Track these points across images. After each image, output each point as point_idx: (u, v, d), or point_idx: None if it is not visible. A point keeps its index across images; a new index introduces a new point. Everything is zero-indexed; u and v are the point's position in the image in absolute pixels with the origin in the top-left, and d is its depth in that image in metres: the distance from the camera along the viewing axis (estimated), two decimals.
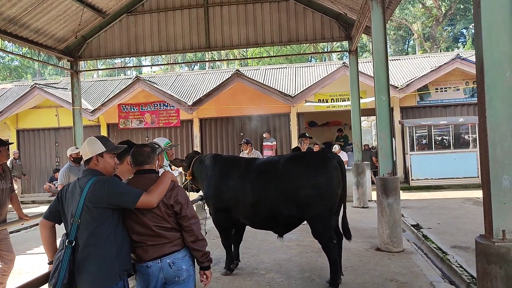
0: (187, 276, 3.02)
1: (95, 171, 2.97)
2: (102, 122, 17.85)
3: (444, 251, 6.72)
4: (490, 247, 2.64)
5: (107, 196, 2.75)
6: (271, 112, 16.67)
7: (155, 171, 3.15)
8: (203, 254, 3.00)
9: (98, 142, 3.01)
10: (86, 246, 2.76)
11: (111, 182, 2.86)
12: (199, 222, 3.04)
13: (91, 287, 2.75)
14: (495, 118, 2.66)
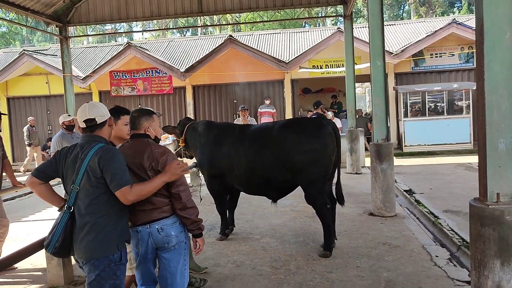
0: (176, 243, 3.01)
1: (100, 137, 2.88)
2: (94, 90, 17.63)
3: (436, 215, 6.83)
4: (484, 210, 2.67)
5: (103, 167, 2.71)
6: (265, 79, 16.52)
7: (147, 135, 3.12)
8: (192, 222, 2.98)
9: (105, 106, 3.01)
10: (85, 215, 2.74)
11: (114, 156, 2.75)
12: (188, 190, 3.01)
13: (87, 255, 2.74)
14: (493, 81, 2.63)
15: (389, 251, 5.29)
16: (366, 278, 4.51)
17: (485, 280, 2.68)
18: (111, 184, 2.69)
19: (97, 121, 2.86)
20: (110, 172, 2.69)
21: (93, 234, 2.72)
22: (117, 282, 2.77)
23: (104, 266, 2.73)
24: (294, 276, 4.63)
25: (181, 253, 3.07)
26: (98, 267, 2.72)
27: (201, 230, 3.05)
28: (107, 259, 2.73)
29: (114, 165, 2.71)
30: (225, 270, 4.92)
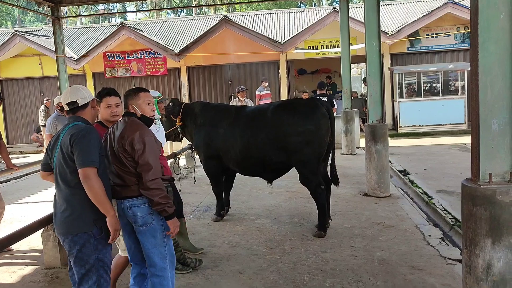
0: (143, 224, 3.01)
1: (80, 118, 2.93)
2: (87, 71, 17.47)
3: (430, 196, 6.89)
4: (477, 190, 2.69)
5: (73, 143, 2.74)
6: (260, 60, 16.41)
7: (132, 113, 3.14)
8: (156, 203, 2.92)
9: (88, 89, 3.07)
10: (61, 191, 2.82)
11: (86, 135, 2.76)
12: (156, 170, 2.94)
13: (65, 231, 2.80)
14: (487, 61, 2.62)
15: (383, 231, 5.35)
16: (359, 257, 4.57)
17: (476, 258, 2.72)
18: (76, 161, 2.72)
19: (79, 104, 2.92)
20: (77, 149, 2.72)
21: (69, 210, 2.78)
22: (100, 256, 2.80)
23: (84, 241, 2.77)
24: (288, 256, 4.69)
25: (154, 236, 3.03)
26: (77, 242, 2.76)
27: (168, 212, 2.97)
28: (86, 235, 2.77)
29: (83, 144, 2.73)
30: (220, 250, 4.96)
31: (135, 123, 3.07)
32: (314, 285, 3.98)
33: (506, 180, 2.69)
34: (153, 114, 3.22)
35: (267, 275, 4.24)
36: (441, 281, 3.95)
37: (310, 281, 4.07)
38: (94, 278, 2.79)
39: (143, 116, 3.15)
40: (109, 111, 3.47)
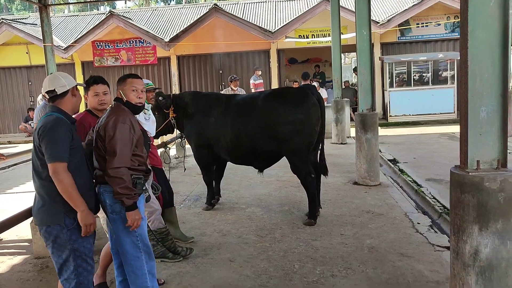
0: (111, 212, 2.98)
1: (56, 108, 2.85)
2: (76, 60, 17.27)
3: (419, 184, 6.95)
4: (465, 177, 2.71)
5: (40, 137, 2.70)
6: (250, 49, 16.33)
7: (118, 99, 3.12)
8: (115, 192, 2.87)
9: (70, 76, 2.97)
10: (35, 182, 2.80)
11: (52, 128, 2.69)
12: (119, 160, 2.86)
13: (38, 222, 2.82)
14: (476, 48, 2.63)
15: (373, 219, 5.40)
16: (349, 245, 4.60)
17: (463, 245, 2.76)
18: (44, 155, 2.70)
19: (57, 92, 2.85)
20: (44, 143, 2.69)
21: (41, 202, 2.78)
22: (75, 246, 2.77)
23: (57, 232, 2.76)
24: (279, 244, 4.71)
25: (123, 224, 2.96)
26: (51, 233, 2.75)
27: (126, 204, 2.89)
28: (58, 226, 2.75)
29: (50, 137, 2.68)
30: (211, 239, 4.97)
31: (117, 109, 3.04)
32: (304, 272, 4.01)
33: (494, 167, 2.72)
34: (139, 102, 3.11)
35: (258, 263, 4.27)
36: (429, 268, 4.00)
37: (300, 268, 4.09)
38: (72, 268, 2.78)
39: (127, 103, 3.08)
40: (97, 99, 3.43)
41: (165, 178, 4.81)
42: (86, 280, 2.83)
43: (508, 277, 2.72)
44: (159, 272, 4.11)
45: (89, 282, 2.86)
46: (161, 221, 4.32)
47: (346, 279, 3.86)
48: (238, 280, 3.93)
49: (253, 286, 3.81)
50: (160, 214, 4.31)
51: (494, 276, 2.70)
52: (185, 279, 4.00)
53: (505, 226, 2.67)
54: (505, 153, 2.73)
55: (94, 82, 3.43)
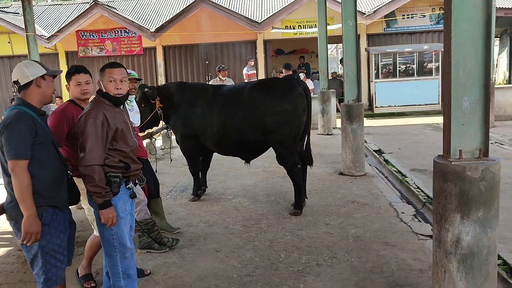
0: (92, 205, 2.97)
1: (21, 100, 2.75)
2: (60, 50, 16.99)
3: (404, 174, 7.03)
4: (447, 166, 2.75)
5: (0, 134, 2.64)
6: (237, 39, 16.24)
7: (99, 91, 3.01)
8: (87, 190, 2.85)
9: (37, 64, 2.82)
10: (3, 178, 2.74)
11: (9, 125, 2.60)
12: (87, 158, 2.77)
13: (8, 217, 2.79)
14: (459, 39, 2.66)
15: (358, 208, 5.45)
16: (335, 234, 4.65)
17: (445, 233, 2.80)
18: (4, 152, 2.65)
19: (21, 83, 2.74)
20: (3, 139, 2.63)
21: (9, 198, 2.73)
22: (43, 243, 2.71)
23: None
24: (265, 234, 4.73)
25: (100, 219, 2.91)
26: (19, 229, 2.69)
27: (97, 203, 2.83)
28: None
29: (8, 134, 2.60)
30: (197, 229, 4.98)
31: (94, 103, 2.94)
32: (290, 262, 4.04)
33: (476, 157, 2.76)
34: (118, 93, 2.94)
35: (244, 252, 4.28)
36: (413, 256, 4.06)
37: (286, 258, 4.13)
38: (40, 264, 2.74)
39: (106, 94, 2.95)
40: (79, 89, 3.38)
41: (151, 169, 4.79)
42: (54, 276, 2.78)
43: (489, 264, 2.78)
44: (145, 263, 4.11)
45: (58, 278, 2.80)
46: (147, 212, 4.30)
47: (331, 268, 3.90)
48: (224, 270, 3.95)
49: (239, 275, 3.83)
50: (146, 205, 4.30)
51: (475, 264, 2.75)
52: (171, 269, 4.00)
53: (486, 215, 2.72)
54: (487, 143, 2.77)
55: (75, 72, 3.37)
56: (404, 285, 3.55)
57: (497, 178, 2.74)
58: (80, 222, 3.21)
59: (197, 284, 3.71)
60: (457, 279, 2.78)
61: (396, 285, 3.55)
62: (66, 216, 2.89)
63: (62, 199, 2.83)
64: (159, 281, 3.79)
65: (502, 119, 11.92)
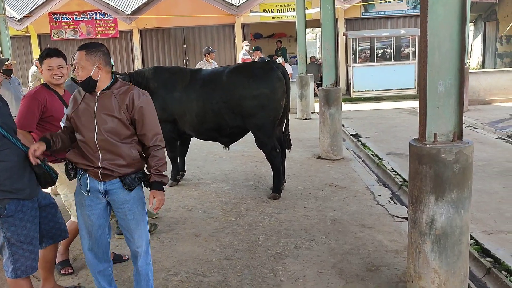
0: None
1: None
2: (32, 32, 16.49)
3: (380, 158, 7.14)
4: (423, 149, 2.80)
5: None
6: (215, 23, 16.05)
7: None
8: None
9: None
10: None
11: None
12: None
13: None
14: (435, 23, 2.68)
15: (335, 192, 5.52)
16: (313, 217, 4.70)
17: (420, 214, 2.86)
18: None
19: None
20: None
21: None
22: (8, 235, 2.67)
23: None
24: (244, 218, 4.76)
25: None
26: None
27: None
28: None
29: None
30: (176, 214, 4.97)
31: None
32: (268, 245, 4.08)
33: (450, 140, 2.81)
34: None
35: (223, 236, 4.30)
36: (389, 238, 4.15)
37: (264, 241, 4.16)
38: (8, 254, 2.71)
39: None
40: (51, 73, 3.30)
41: None
42: (23, 266, 2.73)
43: (462, 244, 2.86)
44: (124, 248, 4.08)
45: (28, 267, 2.76)
46: None
47: (309, 250, 3.95)
48: (203, 254, 3.96)
49: (218, 259, 3.85)
50: None
51: (449, 244, 2.82)
52: None
53: (459, 196, 2.78)
54: (461, 126, 2.82)
55: (47, 55, 3.28)
56: (380, 266, 3.63)
57: (470, 161, 2.80)
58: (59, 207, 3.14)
59: (176, 268, 3.72)
60: (431, 259, 2.86)
61: (373, 266, 3.63)
62: (34, 203, 2.81)
63: (26, 188, 2.73)
64: None
65: (475, 104, 12.17)
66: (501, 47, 17.82)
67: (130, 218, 2.84)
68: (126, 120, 2.72)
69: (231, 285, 3.42)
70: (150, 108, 2.82)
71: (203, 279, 3.53)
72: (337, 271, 3.57)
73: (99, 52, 2.75)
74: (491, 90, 12.80)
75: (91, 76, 2.69)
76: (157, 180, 2.79)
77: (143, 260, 2.93)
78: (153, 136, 2.80)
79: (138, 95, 2.76)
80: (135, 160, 2.79)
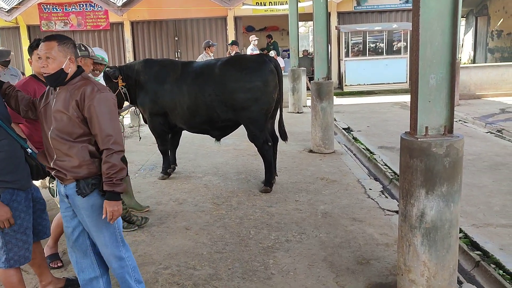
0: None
1: None
2: (21, 24, 16.27)
3: (372, 151, 7.16)
4: (414, 143, 2.80)
5: None
6: (207, 16, 15.95)
7: None
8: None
9: None
10: None
11: None
12: None
13: None
14: (427, 16, 2.67)
15: (327, 185, 5.53)
16: (304, 211, 4.71)
17: (411, 208, 2.87)
18: None
19: None
20: None
21: None
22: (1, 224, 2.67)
23: None
24: (235, 211, 4.75)
25: None
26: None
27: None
28: None
29: None
30: (167, 208, 4.95)
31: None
32: (259, 238, 4.08)
33: (441, 133, 2.82)
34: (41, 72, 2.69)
35: (214, 230, 4.29)
36: (379, 231, 4.17)
37: (255, 234, 4.16)
38: (1, 244, 2.70)
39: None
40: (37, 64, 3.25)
41: None
42: (16, 256, 2.73)
43: (451, 237, 2.87)
44: None
45: (21, 257, 2.75)
46: None
47: (300, 243, 3.96)
48: (194, 247, 3.95)
49: (209, 252, 3.84)
50: None
51: (438, 237, 2.83)
52: (140, 247, 3.97)
53: (450, 190, 2.79)
54: (452, 120, 2.83)
55: (37, 46, 3.23)
56: (371, 259, 3.64)
57: (460, 155, 2.81)
58: (46, 201, 3.11)
59: (166, 261, 3.71)
60: (420, 252, 2.87)
61: (363, 259, 3.65)
62: (28, 194, 2.81)
63: (21, 179, 2.74)
64: None
65: (466, 98, 12.24)
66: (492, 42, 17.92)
67: (90, 225, 2.66)
68: (77, 117, 2.52)
69: (222, 278, 3.42)
70: (103, 106, 2.52)
71: (194, 272, 3.52)
72: (327, 264, 3.58)
73: (71, 44, 2.63)
74: (481, 84, 12.88)
75: (63, 68, 2.55)
76: (108, 190, 2.53)
77: (116, 265, 2.76)
78: (104, 137, 2.51)
79: (91, 91, 2.52)
80: (86, 162, 2.55)
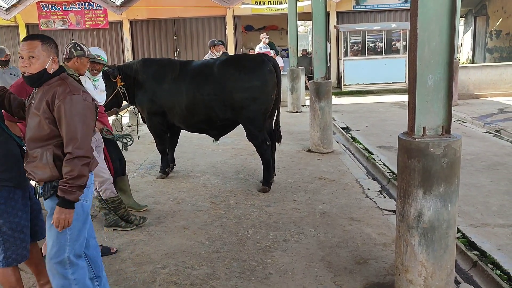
0: None
1: None
2: (20, 22, 16.23)
3: (370, 151, 7.16)
4: (411, 143, 2.80)
5: None
6: (206, 15, 15.94)
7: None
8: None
9: None
10: None
11: None
12: None
13: None
14: (425, 16, 2.67)
15: (325, 185, 5.53)
16: (302, 210, 4.71)
17: (408, 208, 2.87)
18: None
19: None
20: None
21: None
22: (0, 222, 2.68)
23: None
24: (233, 211, 4.75)
25: None
26: None
27: None
28: None
29: None
30: (165, 207, 4.94)
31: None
32: (257, 238, 4.08)
33: (439, 134, 2.82)
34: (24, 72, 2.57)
35: (212, 229, 4.29)
36: (377, 231, 4.17)
37: (254, 234, 4.16)
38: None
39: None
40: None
41: (117, 147, 4.69)
42: (14, 254, 2.74)
43: (449, 237, 2.87)
44: (112, 241, 4.07)
45: (19, 256, 2.76)
46: (112, 190, 4.23)
47: (298, 243, 3.96)
48: (192, 247, 3.95)
49: (207, 252, 3.84)
50: (111, 184, 4.23)
51: (436, 237, 2.84)
52: (138, 247, 3.97)
53: (447, 190, 2.79)
54: (449, 120, 2.83)
55: None
56: (369, 259, 3.65)
57: (458, 155, 2.81)
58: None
59: (164, 261, 3.71)
60: (418, 252, 2.87)
61: (361, 259, 3.65)
62: (25, 193, 2.82)
63: (17, 176, 2.74)
64: (126, 258, 3.76)
65: (464, 98, 12.25)
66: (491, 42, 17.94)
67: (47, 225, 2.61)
68: (46, 118, 2.46)
69: (220, 278, 3.42)
70: (72, 108, 2.43)
71: (192, 271, 3.53)
72: (325, 264, 3.59)
73: (54, 44, 2.58)
74: (480, 84, 12.89)
75: (46, 68, 2.51)
76: (60, 195, 2.43)
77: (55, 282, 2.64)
78: (68, 140, 2.43)
79: (63, 91, 2.45)
80: (50, 165, 2.48)
